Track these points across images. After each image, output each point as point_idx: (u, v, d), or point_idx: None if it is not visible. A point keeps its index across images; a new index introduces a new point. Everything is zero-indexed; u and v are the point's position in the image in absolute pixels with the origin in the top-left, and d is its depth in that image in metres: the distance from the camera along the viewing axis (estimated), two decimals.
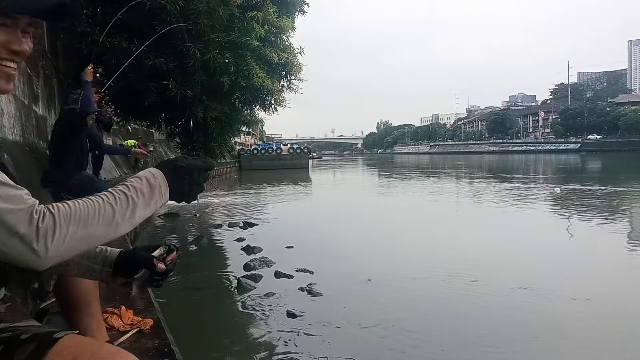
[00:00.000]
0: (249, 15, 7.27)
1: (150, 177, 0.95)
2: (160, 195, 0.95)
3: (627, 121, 78.48)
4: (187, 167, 1.00)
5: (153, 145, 18.49)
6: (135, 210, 0.90)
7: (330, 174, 37.57)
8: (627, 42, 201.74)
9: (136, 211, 0.90)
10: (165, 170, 0.98)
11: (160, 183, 0.96)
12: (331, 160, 79.68)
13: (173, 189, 0.98)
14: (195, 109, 7.46)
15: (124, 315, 2.08)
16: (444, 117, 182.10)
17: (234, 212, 12.61)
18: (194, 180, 1.01)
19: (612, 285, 5.38)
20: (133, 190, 0.91)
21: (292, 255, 6.96)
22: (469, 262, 6.29)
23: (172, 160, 1.02)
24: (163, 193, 0.96)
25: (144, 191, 0.92)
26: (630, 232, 8.91)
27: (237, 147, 44.22)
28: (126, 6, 6.37)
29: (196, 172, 1.01)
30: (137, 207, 0.90)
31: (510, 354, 3.73)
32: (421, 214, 11.99)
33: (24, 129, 5.66)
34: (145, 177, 0.95)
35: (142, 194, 0.92)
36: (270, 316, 4.51)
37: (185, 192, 1.00)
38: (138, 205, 0.91)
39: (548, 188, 17.14)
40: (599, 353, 3.74)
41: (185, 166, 1.00)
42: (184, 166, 1.00)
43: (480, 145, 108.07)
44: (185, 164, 1.00)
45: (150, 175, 0.95)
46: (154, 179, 0.95)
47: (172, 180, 0.98)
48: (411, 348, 3.81)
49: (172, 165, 1.00)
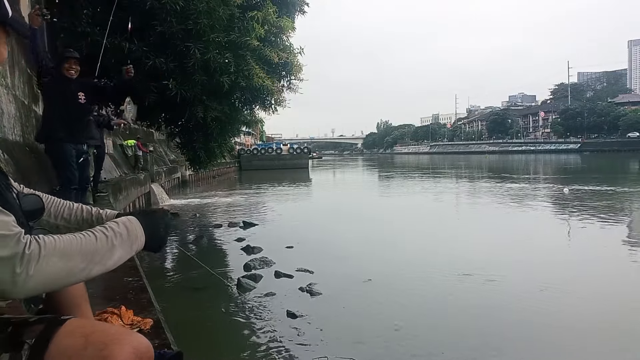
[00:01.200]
0: (249, 15, 7.26)
1: (128, 223, 1.02)
2: (137, 239, 1.02)
3: (627, 121, 78.45)
4: (161, 222, 1.10)
5: (153, 145, 18.48)
6: (113, 251, 0.94)
7: (330, 174, 37.57)
8: (627, 42, 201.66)
9: (114, 252, 0.95)
10: (142, 220, 1.06)
11: (136, 228, 1.03)
12: (331, 160, 79.66)
13: (148, 234, 1.05)
14: (195, 109, 7.45)
15: (124, 315, 2.08)
16: (444, 117, 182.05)
17: (234, 212, 12.61)
18: (165, 233, 1.11)
19: (621, 286, 5.38)
20: (112, 232, 0.96)
21: (292, 255, 6.96)
22: (469, 262, 6.29)
23: (147, 212, 1.11)
24: (139, 238, 1.03)
25: (123, 234, 0.98)
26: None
27: (237, 147, 44.20)
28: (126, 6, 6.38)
29: (167, 219, 1.12)
30: (115, 249, 0.95)
31: (510, 354, 3.73)
32: (421, 214, 11.98)
33: (24, 129, 5.66)
34: (124, 223, 1.01)
35: (121, 237, 0.97)
36: (270, 316, 4.51)
37: (161, 236, 1.10)
38: (116, 246, 0.95)
39: (557, 189, 16.71)
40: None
41: (159, 218, 1.10)
42: (158, 220, 1.10)
43: (480, 145, 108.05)
44: (160, 218, 1.11)
45: (128, 222, 1.02)
46: (131, 226, 1.02)
47: (147, 226, 1.06)
48: (411, 348, 3.81)
49: (150, 216, 1.09)
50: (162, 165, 19.12)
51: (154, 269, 6.28)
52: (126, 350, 0.85)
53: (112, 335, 0.88)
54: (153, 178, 15.04)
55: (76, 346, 0.85)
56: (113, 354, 0.83)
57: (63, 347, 0.85)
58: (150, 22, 6.56)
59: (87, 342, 0.85)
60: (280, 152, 45.59)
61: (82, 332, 0.88)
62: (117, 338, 0.87)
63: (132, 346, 0.87)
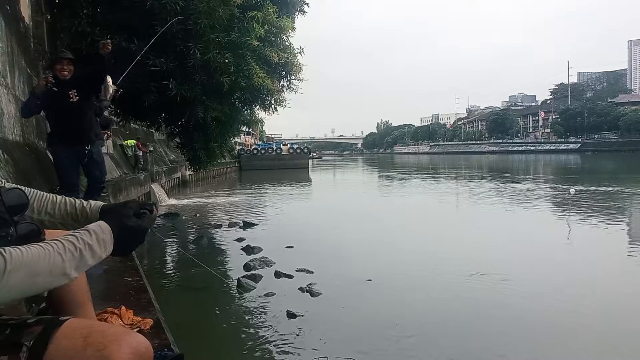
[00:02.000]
0: (249, 15, 7.26)
1: (99, 231, 1.00)
2: (106, 250, 1.00)
3: (627, 121, 78.44)
4: (137, 227, 1.07)
5: (153, 145, 18.49)
6: (82, 261, 0.94)
7: (330, 174, 37.57)
8: (627, 42, 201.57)
9: (83, 262, 0.94)
10: (114, 227, 1.03)
11: (107, 239, 1.01)
12: (331, 161, 79.67)
13: (118, 245, 1.03)
14: (195, 109, 7.46)
15: (124, 315, 2.08)
16: (444, 117, 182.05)
17: (234, 212, 12.61)
18: (139, 239, 1.08)
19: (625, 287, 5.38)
20: (82, 242, 0.95)
21: (292, 255, 6.96)
22: (470, 262, 6.28)
23: (120, 215, 1.08)
24: (108, 248, 1.01)
25: (93, 245, 0.97)
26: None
27: (237, 147, 44.22)
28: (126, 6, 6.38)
29: (141, 232, 1.08)
30: (84, 259, 0.94)
31: (511, 354, 3.72)
32: (422, 214, 11.98)
33: (24, 129, 5.66)
34: (94, 231, 0.99)
35: (90, 247, 0.96)
36: (270, 316, 4.51)
37: (125, 250, 1.07)
38: (85, 257, 0.94)
39: (563, 189, 16.14)
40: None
41: (135, 226, 1.06)
42: (134, 227, 1.06)
43: (480, 145, 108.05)
44: (135, 223, 1.07)
45: (99, 230, 1.00)
46: (102, 234, 1.00)
47: (119, 238, 1.03)
48: (411, 348, 3.81)
49: (122, 223, 1.05)
50: (162, 165, 19.12)
51: (154, 269, 6.29)
52: (125, 351, 0.85)
53: (111, 335, 0.88)
54: (153, 178, 15.05)
55: (75, 347, 0.85)
56: (112, 354, 0.84)
57: (62, 349, 0.85)
58: (150, 22, 6.56)
59: (86, 343, 0.85)
60: (280, 152, 45.62)
61: (80, 333, 0.88)
62: (115, 339, 0.87)
63: (131, 346, 0.87)
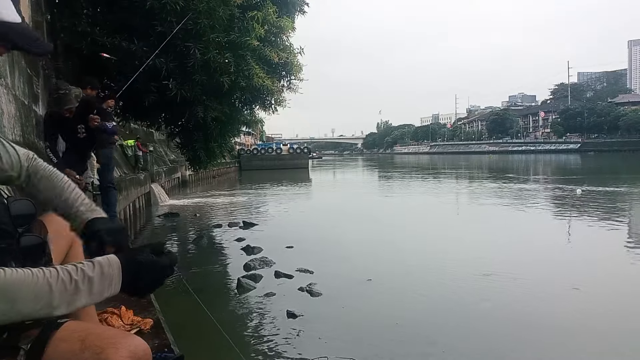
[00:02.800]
0: (249, 15, 7.25)
1: (105, 265, 0.87)
2: (110, 287, 0.87)
3: (627, 121, 78.48)
4: (150, 264, 0.92)
5: (153, 145, 18.47)
6: (76, 296, 0.82)
7: (330, 174, 37.56)
8: (627, 42, 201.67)
9: (77, 297, 0.82)
10: (124, 262, 0.90)
11: (114, 274, 0.87)
12: (331, 161, 79.65)
13: (127, 284, 0.89)
14: (195, 109, 7.45)
15: (124, 315, 2.08)
16: (444, 117, 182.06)
17: (234, 212, 12.60)
18: (154, 277, 0.92)
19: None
20: (81, 274, 0.83)
21: (292, 255, 6.95)
22: (471, 262, 6.28)
23: (136, 253, 0.93)
24: (114, 285, 0.88)
25: (93, 279, 0.84)
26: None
27: (237, 147, 44.21)
28: (126, 6, 6.38)
29: (159, 268, 0.93)
30: (79, 294, 0.82)
31: (512, 354, 3.72)
32: (422, 214, 11.97)
33: (24, 129, 5.65)
34: (99, 264, 0.87)
35: (90, 282, 0.84)
36: (270, 316, 4.50)
37: (140, 289, 0.92)
38: (81, 291, 0.83)
39: (568, 189, 15.79)
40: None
41: (147, 263, 0.92)
42: (146, 263, 0.91)
43: (480, 145, 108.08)
44: (147, 260, 0.92)
45: (106, 263, 0.88)
46: (109, 268, 0.87)
47: (129, 275, 0.89)
48: (411, 348, 3.81)
49: (134, 258, 0.91)
50: (162, 165, 19.12)
51: None
52: (122, 354, 0.84)
53: (108, 338, 0.87)
54: (153, 178, 15.04)
55: (73, 350, 0.84)
56: (109, 357, 0.83)
57: (59, 352, 0.85)
58: (150, 22, 6.56)
59: (84, 346, 0.84)
60: (280, 152, 45.62)
61: (78, 335, 0.87)
62: (113, 342, 0.86)
63: (129, 350, 0.86)
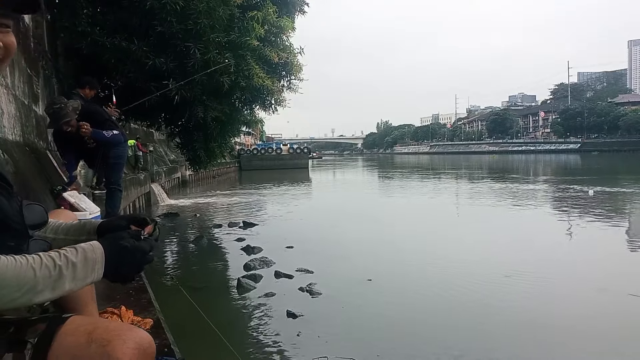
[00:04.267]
0: (249, 15, 7.25)
1: (89, 250, 0.91)
2: (94, 272, 0.90)
3: (627, 121, 78.50)
4: (131, 248, 0.95)
5: (153, 145, 18.46)
6: (60, 281, 0.85)
7: (330, 174, 37.56)
8: (627, 42, 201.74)
9: (61, 282, 0.85)
10: (106, 247, 0.93)
11: (97, 259, 0.91)
12: (331, 161, 79.65)
13: (110, 269, 0.93)
14: (195, 109, 7.45)
15: (124, 315, 2.08)
16: (444, 117, 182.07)
17: (234, 212, 12.60)
18: (136, 262, 0.96)
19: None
20: (64, 260, 0.86)
21: (292, 255, 6.95)
22: (470, 262, 6.28)
23: (117, 238, 0.96)
24: (97, 271, 0.91)
25: (77, 264, 0.87)
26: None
27: (237, 147, 44.20)
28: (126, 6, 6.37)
29: (139, 253, 0.96)
30: (63, 279, 0.85)
31: (512, 355, 3.72)
32: (423, 214, 11.97)
33: (24, 129, 5.65)
34: (83, 250, 0.90)
35: (73, 267, 0.87)
36: (270, 316, 4.50)
37: (122, 275, 0.96)
38: (65, 276, 0.85)
39: (579, 190, 15.19)
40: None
41: (130, 247, 0.95)
42: (128, 247, 0.95)
43: (480, 145, 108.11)
44: (130, 244, 0.95)
45: (89, 249, 0.91)
46: (92, 254, 0.90)
47: (111, 259, 0.93)
48: (411, 348, 3.80)
49: (116, 244, 0.95)
50: (162, 165, 19.12)
51: (154, 269, 6.27)
52: (129, 346, 0.85)
53: (114, 331, 0.88)
54: (153, 178, 15.04)
55: (79, 343, 0.85)
56: (116, 349, 0.84)
57: (66, 345, 0.85)
58: (150, 22, 6.56)
59: (90, 339, 0.85)
60: (280, 152, 45.63)
61: (84, 329, 0.88)
62: (119, 334, 0.87)
63: (135, 341, 0.87)
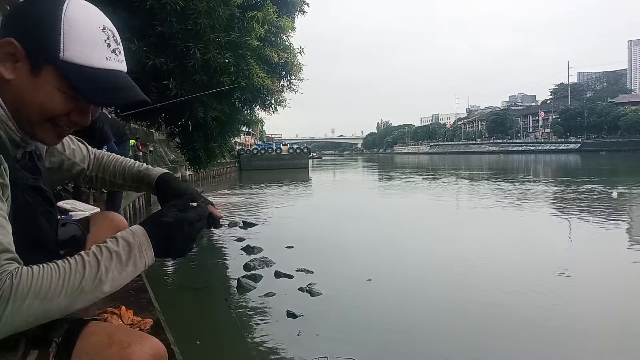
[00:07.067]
0: (249, 15, 7.25)
1: (129, 235, 0.86)
2: (142, 255, 0.86)
3: (627, 121, 78.54)
4: (175, 222, 0.90)
5: (153, 145, 18.48)
6: (107, 277, 0.81)
7: (330, 174, 37.57)
8: (627, 42, 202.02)
9: (108, 277, 0.81)
10: (148, 227, 0.89)
11: (141, 241, 0.86)
12: (331, 161, 79.68)
13: (159, 247, 0.88)
14: (195, 109, 7.45)
15: (124, 315, 2.08)
16: (444, 117, 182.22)
17: (234, 212, 12.60)
18: (184, 234, 0.91)
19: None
20: (106, 253, 0.82)
21: (292, 255, 6.96)
22: (470, 262, 6.28)
23: (158, 215, 0.92)
24: (145, 253, 0.86)
25: (120, 253, 0.83)
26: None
27: (237, 147, 44.21)
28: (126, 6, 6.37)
29: (187, 225, 0.91)
30: (109, 273, 0.81)
31: (512, 354, 3.72)
32: (424, 215, 11.97)
33: None
34: (122, 237, 0.85)
35: (118, 257, 0.83)
36: (270, 316, 4.51)
37: (175, 251, 0.91)
38: (111, 270, 0.81)
39: (602, 192, 14.45)
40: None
41: (173, 221, 0.90)
42: (171, 221, 0.90)
43: (480, 145, 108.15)
44: (173, 218, 0.91)
45: (129, 234, 0.86)
46: (134, 238, 0.86)
47: (157, 238, 0.88)
48: (411, 348, 3.81)
49: (158, 221, 0.90)
50: (162, 166, 19.13)
51: (154, 269, 6.29)
52: (147, 351, 0.89)
53: (134, 335, 0.92)
54: None
55: (101, 344, 0.88)
56: (135, 352, 0.87)
57: (89, 345, 0.89)
58: (150, 22, 6.55)
59: (112, 341, 0.88)
60: (280, 152, 45.64)
61: (105, 331, 0.92)
62: (138, 339, 0.91)
63: (152, 347, 0.91)
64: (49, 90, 0.85)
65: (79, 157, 1.21)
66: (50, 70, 0.84)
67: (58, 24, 0.83)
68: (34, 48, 0.83)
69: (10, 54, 0.83)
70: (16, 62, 0.84)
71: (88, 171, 1.24)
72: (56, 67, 0.84)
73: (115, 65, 0.90)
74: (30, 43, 0.83)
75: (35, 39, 0.84)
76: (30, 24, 0.84)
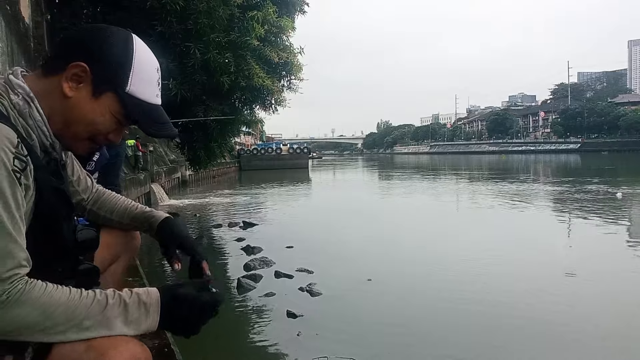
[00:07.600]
0: (249, 15, 7.25)
1: (143, 293, 0.89)
2: (147, 316, 0.87)
3: (627, 121, 78.53)
4: (190, 300, 0.91)
5: (153, 145, 18.46)
6: (109, 321, 0.85)
7: (330, 174, 37.57)
8: (627, 42, 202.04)
9: (111, 322, 0.85)
10: (163, 292, 0.90)
11: (151, 303, 0.88)
12: (331, 161, 79.68)
13: (165, 318, 0.89)
14: (196, 109, 7.45)
15: None
16: (444, 117, 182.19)
17: (234, 212, 12.61)
18: (192, 315, 0.91)
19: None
20: (117, 298, 0.86)
21: (292, 255, 6.95)
22: (470, 262, 6.28)
23: (176, 286, 0.93)
24: (152, 315, 0.88)
25: (129, 305, 0.86)
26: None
27: (237, 147, 44.21)
28: (126, 6, 6.37)
29: (198, 307, 0.91)
30: (114, 318, 0.85)
31: (512, 354, 3.72)
32: (423, 214, 11.97)
33: None
34: (137, 292, 0.88)
35: (125, 306, 0.86)
36: (270, 316, 4.51)
37: (179, 326, 0.92)
38: (116, 316, 0.85)
39: (606, 193, 14.26)
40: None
41: (188, 298, 0.91)
42: (186, 297, 0.90)
43: (480, 145, 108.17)
44: (189, 295, 0.91)
45: (144, 292, 0.89)
46: (147, 297, 0.88)
47: (167, 308, 0.89)
48: (411, 348, 3.81)
49: (174, 291, 0.91)
50: (162, 165, 19.12)
51: (154, 269, 6.28)
52: (125, 357, 0.86)
53: (113, 340, 0.89)
54: (153, 178, 15.05)
55: (78, 350, 0.86)
56: (112, 358, 0.85)
57: (65, 351, 0.87)
58: (150, 22, 6.55)
59: (88, 347, 0.86)
60: (280, 152, 45.65)
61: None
62: (116, 345, 0.88)
63: (131, 353, 0.88)
64: (103, 113, 0.95)
65: (82, 187, 1.25)
66: (110, 97, 0.94)
67: (130, 62, 0.95)
68: (103, 77, 0.93)
69: (78, 75, 0.92)
70: (79, 83, 0.92)
71: (85, 202, 1.27)
72: (118, 96, 0.94)
73: (159, 101, 1.02)
74: (101, 72, 0.93)
75: (107, 70, 0.93)
76: (105, 57, 0.93)
